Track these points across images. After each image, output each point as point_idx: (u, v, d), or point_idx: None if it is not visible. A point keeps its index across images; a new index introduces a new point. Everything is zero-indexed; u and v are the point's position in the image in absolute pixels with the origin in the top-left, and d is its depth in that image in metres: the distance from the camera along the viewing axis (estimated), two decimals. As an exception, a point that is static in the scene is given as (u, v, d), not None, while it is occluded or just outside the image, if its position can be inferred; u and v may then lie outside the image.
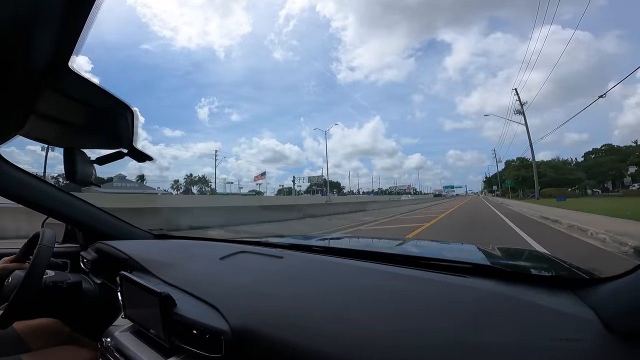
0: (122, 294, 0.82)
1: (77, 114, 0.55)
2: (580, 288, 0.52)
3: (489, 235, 6.35)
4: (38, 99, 0.49)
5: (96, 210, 1.30)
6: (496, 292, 0.54)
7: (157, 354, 0.69)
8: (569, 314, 0.45)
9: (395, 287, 0.62)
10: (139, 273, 0.91)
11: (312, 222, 10.93)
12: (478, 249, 0.97)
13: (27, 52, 0.38)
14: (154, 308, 0.68)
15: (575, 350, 0.39)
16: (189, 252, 1.12)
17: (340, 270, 0.76)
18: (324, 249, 0.99)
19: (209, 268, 0.92)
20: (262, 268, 0.86)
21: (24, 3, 0.32)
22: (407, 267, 0.72)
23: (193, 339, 0.64)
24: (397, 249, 1.12)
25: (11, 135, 0.63)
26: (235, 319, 0.61)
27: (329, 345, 0.49)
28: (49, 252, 0.95)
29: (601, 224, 6.29)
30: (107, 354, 0.78)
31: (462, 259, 0.76)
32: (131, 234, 1.39)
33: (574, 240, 5.20)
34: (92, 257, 1.20)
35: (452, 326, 0.47)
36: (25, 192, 1.08)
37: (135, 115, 0.53)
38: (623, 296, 0.43)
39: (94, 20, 0.36)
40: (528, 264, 0.92)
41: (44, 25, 0.35)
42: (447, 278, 0.62)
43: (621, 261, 3.47)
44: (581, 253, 4.18)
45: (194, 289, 0.76)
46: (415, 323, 0.50)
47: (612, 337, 0.39)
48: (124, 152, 0.61)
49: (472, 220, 10.06)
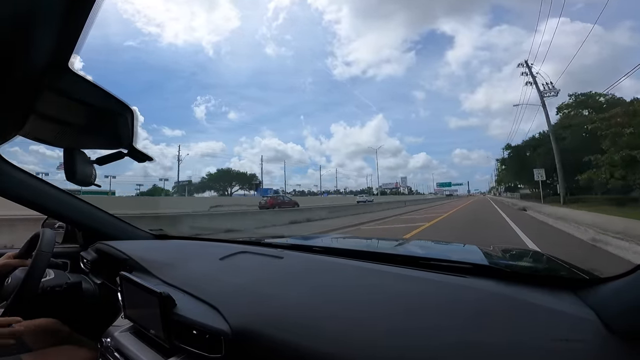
0: (122, 294, 0.82)
1: (77, 114, 0.55)
2: (580, 288, 0.52)
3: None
4: (38, 99, 0.49)
5: (96, 210, 1.30)
6: (496, 293, 0.54)
7: (157, 354, 0.69)
8: (569, 314, 0.45)
9: (396, 287, 0.62)
10: (139, 273, 0.91)
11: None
12: (478, 249, 0.97)
13: (27, 51, 0.38)
14: (154, 308, 0.68)
15: (575, 350, 0.39)
16: (189, 252, 1.12)
17: (340, 270, 0.76)
18: (324, 249, 0.99)
19: (209, 268, 0.92)
20: (263, 268, 0.86)
21: (24, 3, 0.32)
22: (408, 267, 0.72)
23: (193, 339, 0.64)
24: (397, 249, 1.12)
25: (11, 135, 0.63)
26: (236, 319, 0.61)
27: (330, 345, 0.49)
28: (47, 257, 0.96)
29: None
30: (107, 354, 0.77)
31: (462, 259, 0.76)
32: (131, 234, 1.39)
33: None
34: (92, 257, 1.20)
35: (453, 326, 0.47)
36: (25, 192, 1.08)
37: (135, 115, 0.53)
38: (623, 296, 0.43)
39: (94, 20, 0.36)
40: (528, 264, 0.92)
41: (44, 25, 0.35)
42: (448, 278, 0.62)
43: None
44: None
45: (194, 289, 0.76)
46: (416, 323, 0.50)
47: (612, 337, 0.39)
48: (124, 152, 0.61)
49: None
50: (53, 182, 1.19)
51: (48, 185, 1.16)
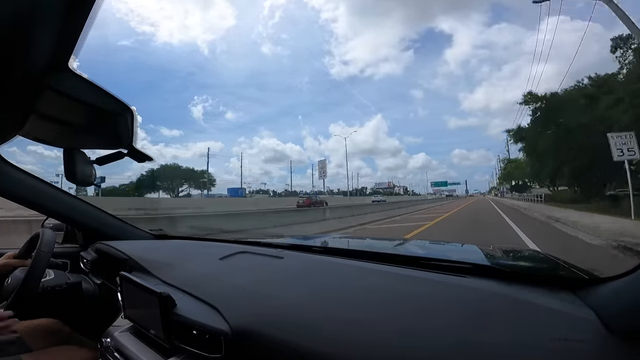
0: (122, 294, 0.82)
1: (77, 114, 0.55)
2: (580, 288, 0.52)
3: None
4: (38, 99, 0.49)
5: (96, 210, 1.30)
6: (496, 293, 0.54)
7: (157, 354, 0.69)
8: (569, 314, 0.45)
9: (396, 287, 0.62)
10: (139, 273, 0.91)
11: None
12: (479, 249, 0.97)
13: (27, 52, 0.38)
14: (154, 308, 0.68)
15: (575, 350, 0.39)
16: (188, 252, 1.12)
17: (340, 270, 0.76)
18: (324, 249, 0.99)
19: (209, 268, 0.92)
20: (262, 268, 0.86)
21: (24, 3, 0.32)
22: (408, 267, 0.72)
23: (193, 339, 0.64)
24: (397, 249, 1.12)
25: (11, 135, 0.63)
26: (235, 319, 0.61)
27: (329, 345, 0.49)
28: (47, 257, 0.96)
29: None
30: (107, 354, 0.77)
31: (462, 259, 0.76)
32: (131, 234, 1.39)
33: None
34: (92, 257, 1.20)
35: (453, 326, 0.47)
36: (26, 192, 1.08)
37: (135, 115, 0.53)
38: (623, 296, 0.43)
39: (94, 20, 0.36)
40: (528, 264, 0.92)
41: (44, 25, 0.35)
42: (448, 278, 0.62)
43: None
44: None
45: (193, 289, 0.76)
46: (416, 323, 0.50)
47: (612, 337, 0.39)
48: (123, 152, 0.61)
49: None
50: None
51: (48, 185, 1.16)
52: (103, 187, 33.25)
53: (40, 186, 1.13)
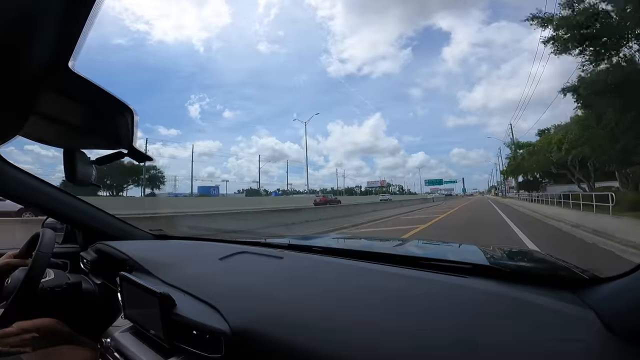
0: (122, 295, 0.82)
1: (77, 114, 0.55)
2: (580, 288, 0.52)
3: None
4: (38, 99, 0.49)
5: (96, 210, 1.30)
6: (496, 293, 0.54)
7: (157, 354, 0.69)
8: (569, 314, 0.45)
9: (396, 287, 0.62)
10: (139, 273, 0.91)
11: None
12: (478, 249, 0.97)
13: (27, 52, 0.38)
14: (154, 308, 0.68)
15: (575, 350, 0.39)
16: (188, 252, 1.12)
17: (340, 270, 0.77)
18: (324, 249, 0.99)
19: (209, 268, 0.92)
20: (262, 268, 0.86)
21: (24, 3, 0.32)
22: (407, 267, 0.72)
23: (193, 339, 0.64)
24: (397, 249, 1.12)
25: (11, 135, 0.63)
26: (235, 319, 0.61)
27: (330, 345, 0.49)
28: (47, 257, 0.96)
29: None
30: (107, 354, 0.78)
31: (462, 259, 0.76)
32: (131, 234, 1.39)
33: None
34: (91, 257, 1.20)
35: (453, 326, 0.47)
36: (25, 192, 1.08)
37: (135, 115, 0.53)
38: (623, 296, 0.43)
39: (94, 20, 0.36)
40: (528, 264, 0.92)
41: (44, 26, 0.35)
42: (447, 278, 0.62)
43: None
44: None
45: (193, 289, 0.76)
46: (416, 323, 0.50)
47: (612, 338, 0.39)
48: (123, 152, 0.61)
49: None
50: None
51: (48, 185, 1.16)
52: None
53: (40, 186, 1.13)
